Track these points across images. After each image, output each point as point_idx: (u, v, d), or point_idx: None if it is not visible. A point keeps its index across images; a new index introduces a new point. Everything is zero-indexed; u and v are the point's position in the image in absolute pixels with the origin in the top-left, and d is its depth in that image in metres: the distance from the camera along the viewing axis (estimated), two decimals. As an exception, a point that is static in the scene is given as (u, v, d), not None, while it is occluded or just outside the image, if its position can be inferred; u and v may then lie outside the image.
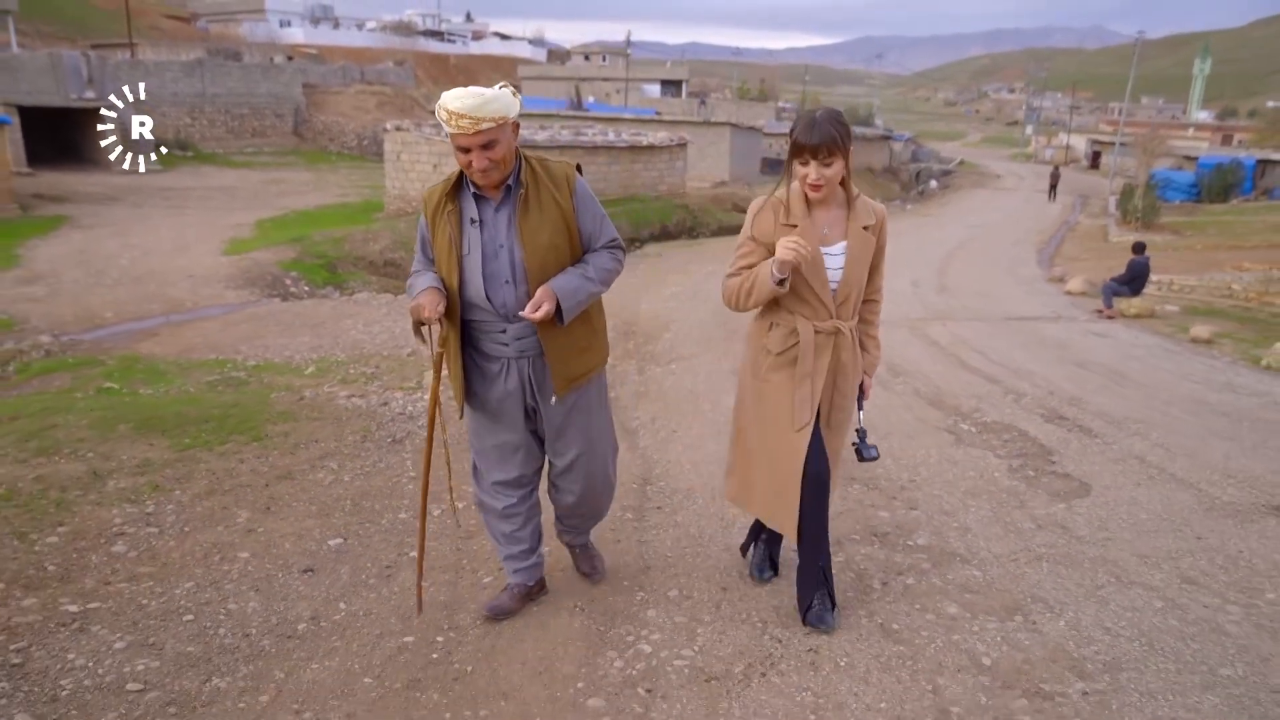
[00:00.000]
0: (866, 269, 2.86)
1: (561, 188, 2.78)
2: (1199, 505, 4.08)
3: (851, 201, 2.84)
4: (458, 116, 2.54)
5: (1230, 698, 2.52)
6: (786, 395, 2.89)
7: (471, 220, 2.76)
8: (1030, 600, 3.12)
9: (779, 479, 2.93)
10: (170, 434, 4.90)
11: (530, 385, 2.87)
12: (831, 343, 2.86)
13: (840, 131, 2.66)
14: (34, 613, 3.02)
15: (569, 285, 2.71)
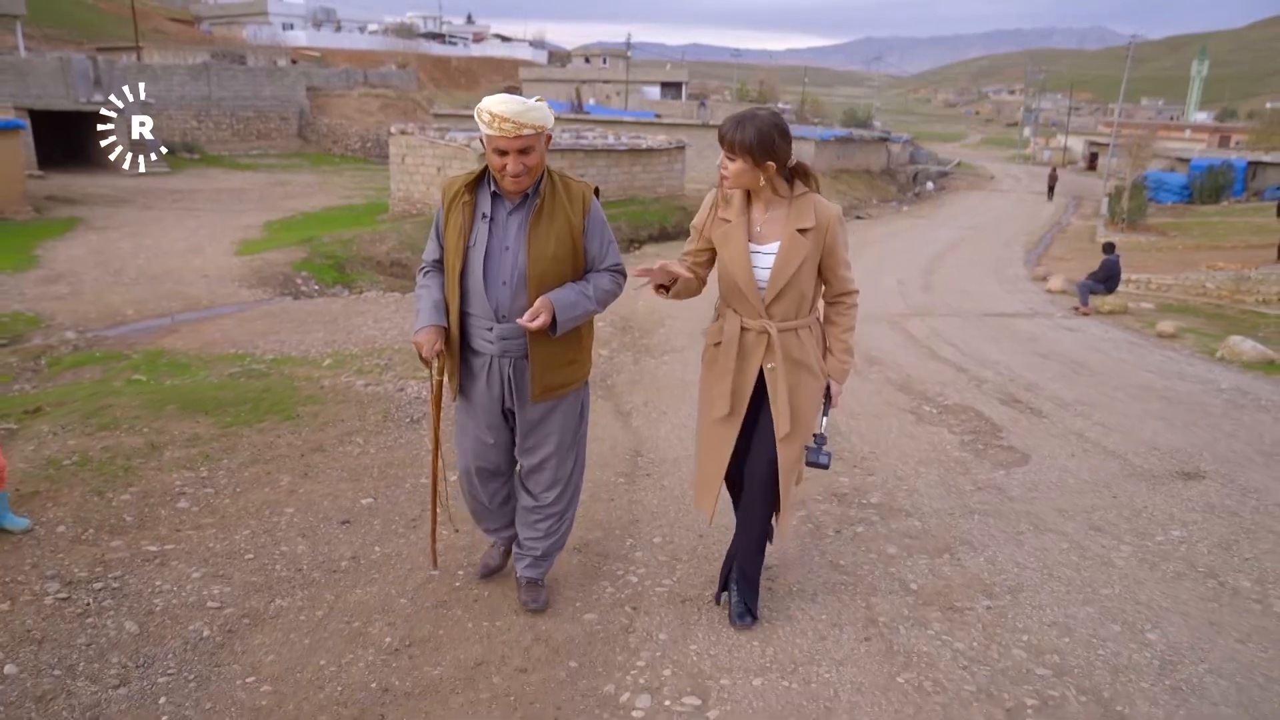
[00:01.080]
0: (797, 271, 2.79)
1: (576, 206, 2.88)
2: (1121, 471, 4.67)
3: (793, 202, 2.83)
4: (501, 119, 2.65)
5: (1103, 609, 3.10)
6: (711, 386, 2.98)
7: (483, 215, 2.87)
8: (958, 543, 3.70)
9: (708, 465, 3.03)
10: (213, 413, 5.49)
11: (509, 385, 2.97)
12: (764, 341, 2.86)
13: (752, 138, 2.68)
14: (122, 551, 3.61)
15: (567, 299, 2.80)
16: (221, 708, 2.63)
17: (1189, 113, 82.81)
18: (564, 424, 3.05)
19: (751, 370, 2.90)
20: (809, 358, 2.90)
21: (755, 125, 2.70)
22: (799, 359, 2.88)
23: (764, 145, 2.69)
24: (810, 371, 2.91)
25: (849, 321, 2.98)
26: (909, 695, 2.60)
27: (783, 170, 2.80)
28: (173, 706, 2.63)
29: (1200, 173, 35.70)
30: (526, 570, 3.23)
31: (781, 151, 2.74)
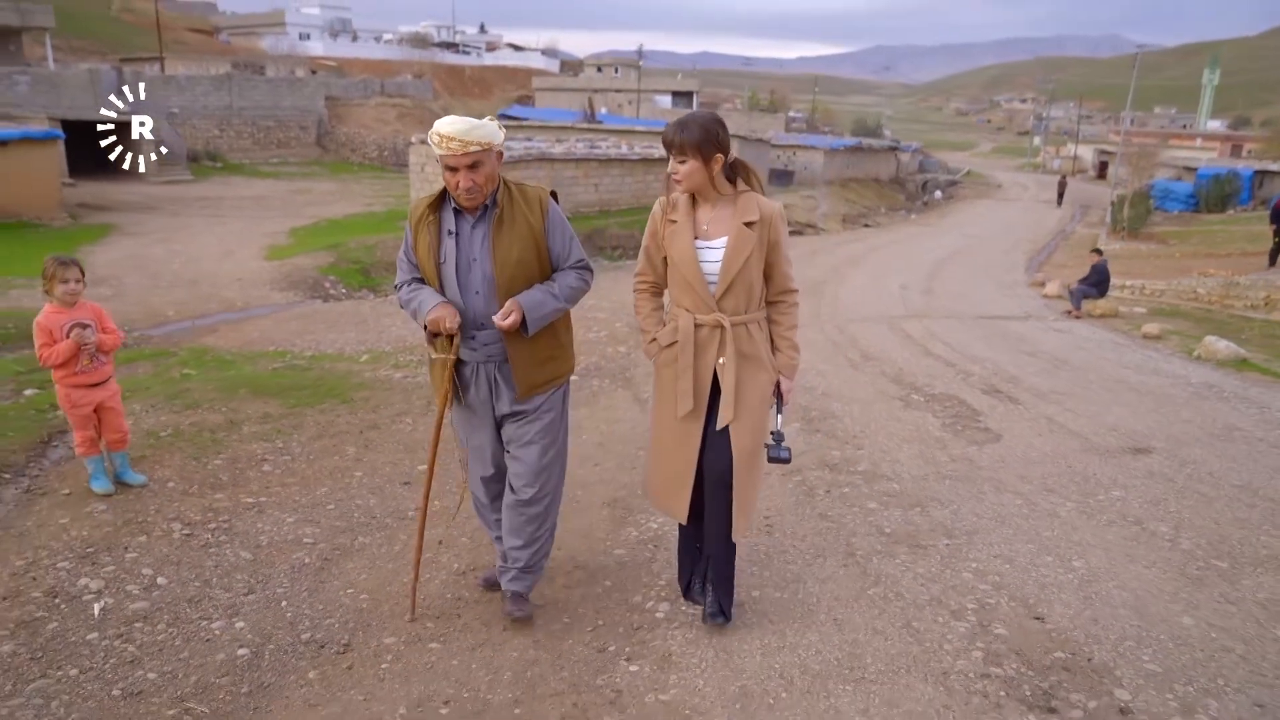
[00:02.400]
0: (745, 263, 2.88)
1: (535, 210, 3.01)
2: (1079, 448, 5.32)
3: (738, 198, 2.93)
4: (448, 139, 2.81)
5: (1042, 546, 3.78)
6: (673, 387, 3.02)
7: (449, 232, 3.00)
8: (929, 500, 4.37)
9: (672, 466, 3.07)
10: (279, 397, 6.21)
11: (495, 387, 3.11)
12: (717, 336, 2.92)
13: (697, 135, 2.82)
14: (225, 502, 4.31)
15: (534, 299, 2.95)
16: (330, 609, 3.32)
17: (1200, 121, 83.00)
18: (545, 417, 3.16)
19: (708, 366, 2.95)
20: (759, 352, 2.98)
21: (698, 122, 2.86)
22: (749, 353, 2.95)
23: (709, 140, 2.83)
24: (761, 366, 2.97)
25: (792, 320, 3.06)
26: (875, 602, 3.27)
27: (726, 166, 2.91)
28: (293, 608, 3.33)
29: (1206, 181, 36.11)
30: (511, 584, 3.26)
31: (724, 143, 2.88)
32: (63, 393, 4.35)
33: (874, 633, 3.04)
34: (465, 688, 2.76)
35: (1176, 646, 2.96)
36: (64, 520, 4.06)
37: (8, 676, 2.84)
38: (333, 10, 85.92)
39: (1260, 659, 2.89)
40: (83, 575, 3.53)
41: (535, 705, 2.66)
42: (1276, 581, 3.45)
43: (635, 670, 2.83)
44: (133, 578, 3.54)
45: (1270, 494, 4.48)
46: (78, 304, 4.37)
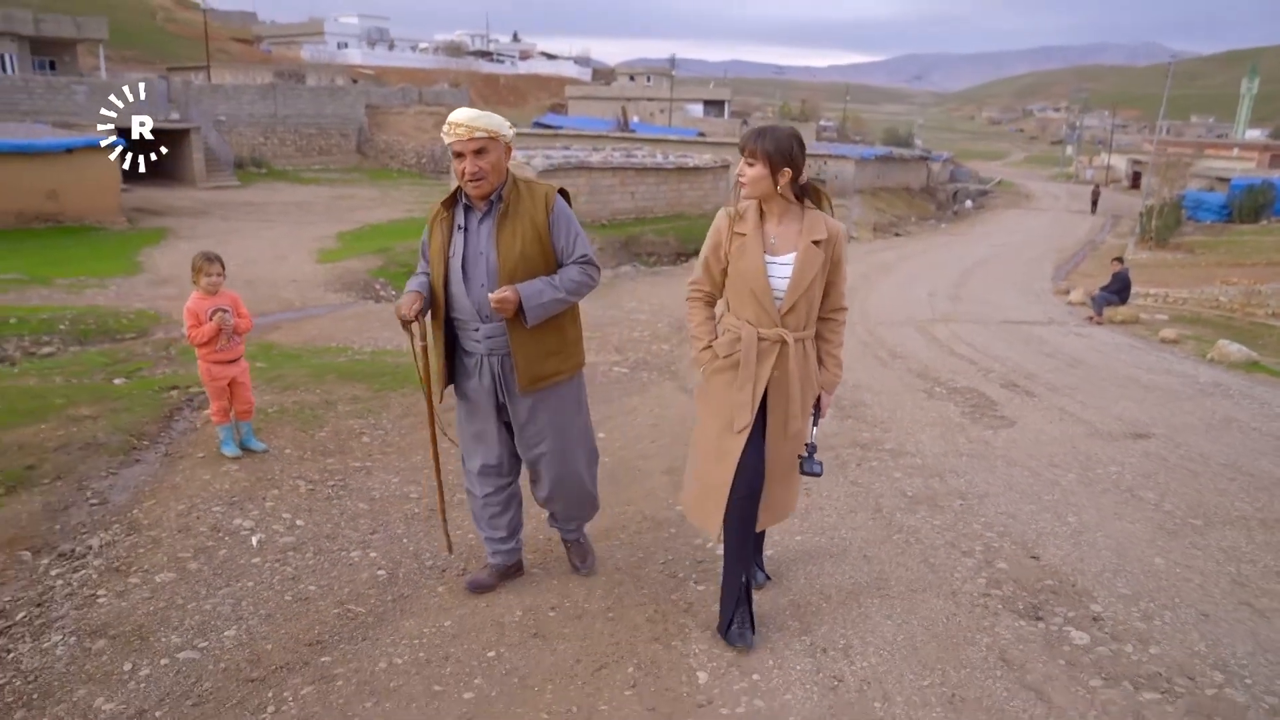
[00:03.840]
0: (812, 281, 2.92)
1: (540, 206, 3.13)
2: (1085, 433, 5.92)
3: (805, 215, 2.97)
4: (455, 125, 3.02)
5: (1042, 506, 4.40)
6: (727, 398, 3.00)
7: (459, 227, 3.17)
8: (947, 471, 5.00)
9: (711, 479, 3.07)
10: (365, 381, 6.95)
11: (500, 381, 3.22)
12: (776, 350, 2.94)
13: (770, 144, 2.86)
14: (336, 465, 5.04)
15: (534, 288, 3.05)
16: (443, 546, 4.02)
17: (1238, 130, 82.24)
18: (556, 419, 3.29)
19: (763, 380, 2.97)
20: (810, 368, 3.03)
21: (774, 134, 2.90)
22: (802, 368, 3.00)
23: (781, 152, 2.86)
24: (810, 382, 3.04)
25: (840, 337, 3.12)
26: (899, 544, 3.91)
27: (795, 183, 2.93)
28: (413, 544, 4.03)
29: (1240, 192, 36.14)
30: (567, 534, 3.68)
31: (797, 160, 2.90)
32: (203, 368, 5.11)
33: (897, 565, 3.68)
34: (566, 599, 3.44)
35: (1146, 577, 3.58)
36: (206, 477, 4.80)
37: (202, 585, 3.57)
38: (370, 20, 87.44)
39: (1213, 586, 3.51)
40: (235, 517, 4.27)
41: (624, 611, 3.33)
42: (1239, 535, 4.05)
43: (701, 589, 3.50)
44: (276, 520, 4.26)
45: (1252, 471, 5.06)
46: (219, 292, 5.11)
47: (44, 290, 14.16)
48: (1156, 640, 3.08)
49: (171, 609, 3.39)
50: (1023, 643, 3.05)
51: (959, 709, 2.66)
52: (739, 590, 3.11)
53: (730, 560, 3.11)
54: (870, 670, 2.88)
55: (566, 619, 3.27)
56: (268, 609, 3.39)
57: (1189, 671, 2.88)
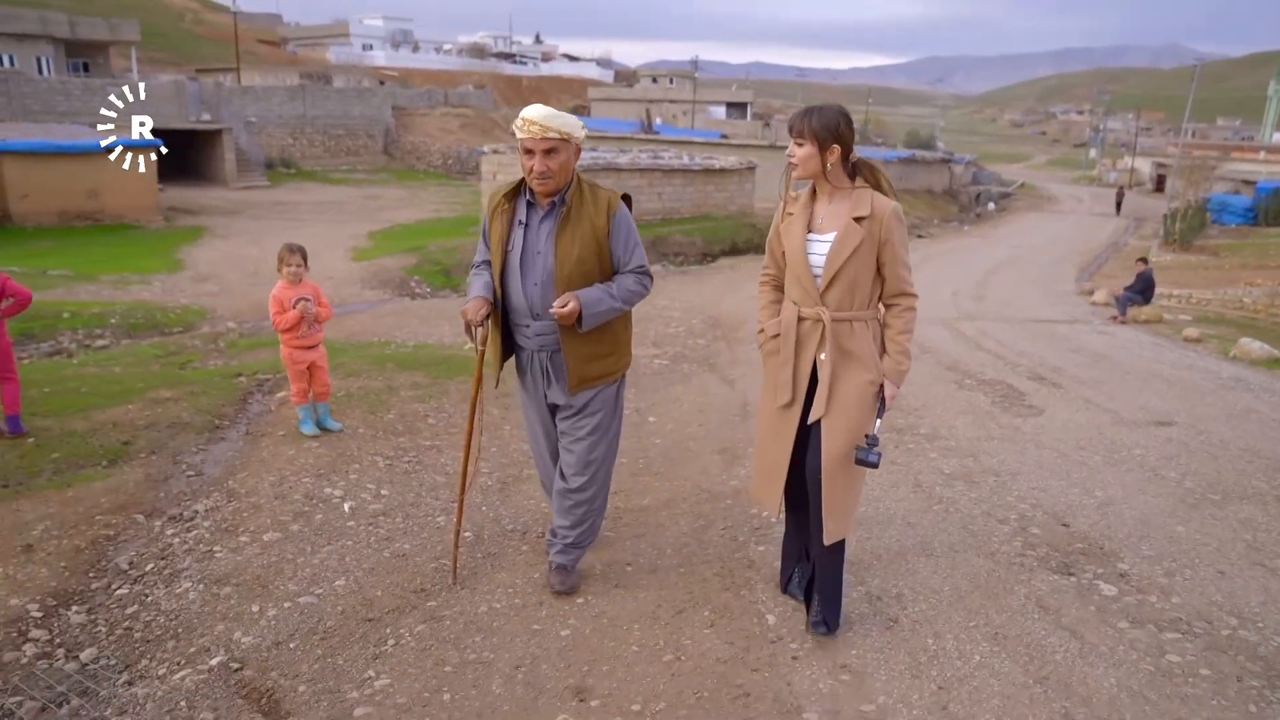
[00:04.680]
0: (850, 258, 2.86)
1: (601, 212, 3.14)
2: (1111, 421, 6.22)
3: (854, 193, 2.93)
4: (529, 123, 3.02)
5: (1070, 482, 4.73)
6: (776, 378, 3.07)
7: (519, 222, 3.18)
8: (980, 453, 5.33)
9: (769, 458, 3.13)
10: (422, 369, 7.34)
11: (549, 376, 3.28)
12: (818, 330, 2.91)
13: (817, 123, 2.88)
14: (408, 444, 5.42)
15: (593, 297, 3.07)
16: (521, 512, 4.38)
17: (1266, 133, 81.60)
18: (598, 412, 3.33)
19: (807, 360, 2.96)
20: (863, 352, 2.93)
21: (821, 112, 2.90)
22: (850, 350, 2.92)
23: (829, 129, 2.86)
24: (863, 365, 2.92)
25: (905, 324, 2.98)
26: (939, 514, 4.25)
27: (846, 160, 2.93)
28: (492, 510, 4.40)
29: (1266, 195, 36.05)
30: (557, 555, 3.50)
31: (845, 137, 2.89)
32: (286, 352, 5.50)
33: (938, 530, 4.02)
34: (640, 556, 3.80)
35: (1168, 542, 3.91)
36: (290, 453, 5.19)
37: (305, 543, 3.96)
38: (395, 22, 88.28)
39: (1229, 550, 3.83)
40: (325, 487, 4.66)
41: (694, 567, 3.68)
42: (1255, 509, 4.37)
43: (762, 549, 3.84)
44: (362, 489, 4.65)
45: (1269, 455, 5.36)
46: (301, 281, 5.50)
47: (91, 286, 14.68)
48: (1178, 592, 3.41)
49: (283, 563, 3.78)
50: (1057, 593, 3.38)
51: (1002, 644, 3.01)
52: (797, 554, 3.29)
53: (790, 529, 3.28)
54: (921, 614, 3.22)
55: (642, 573, 3.63)
56: (370, 564, 3.77)
57: (1207, 617, 3.21)
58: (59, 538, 4.02)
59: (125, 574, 3.75)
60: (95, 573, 3.76)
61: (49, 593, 3.54)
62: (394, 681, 2.84)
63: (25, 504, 4.37)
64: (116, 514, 4.32)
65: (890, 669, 2.86)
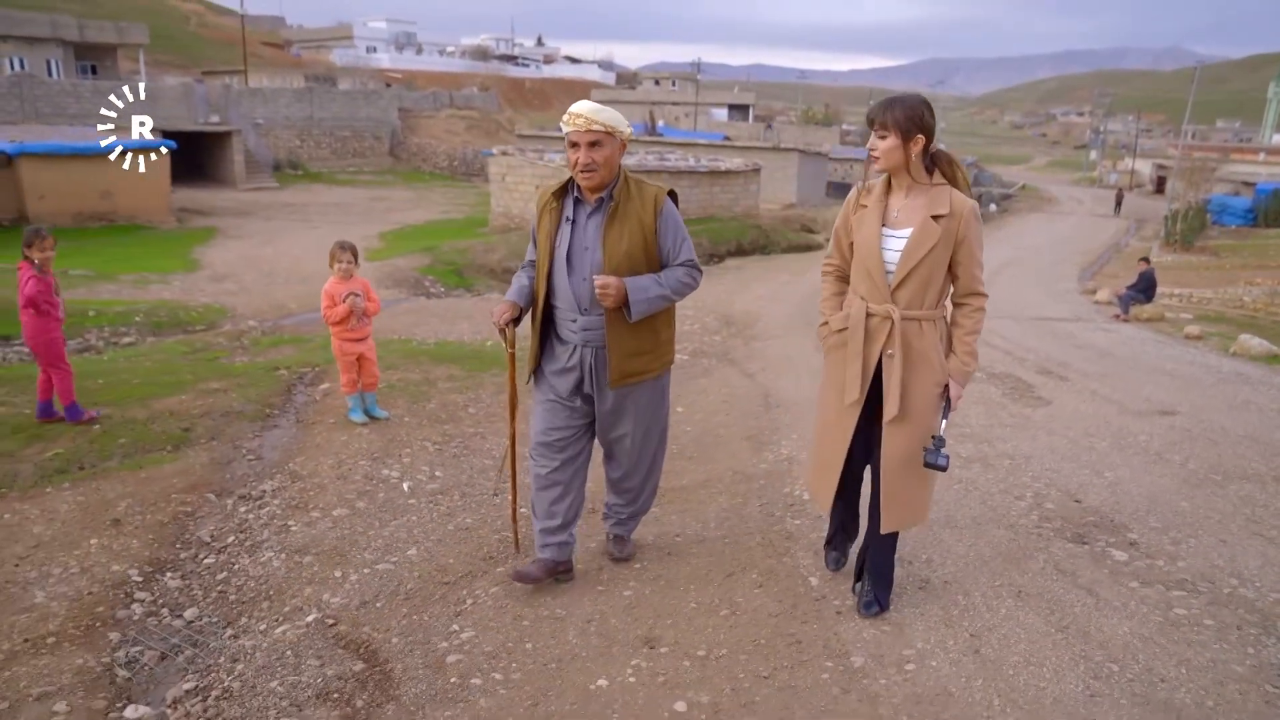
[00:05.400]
0: (925, 257, 2.82)
1: (648, 206, 3.17)
2: (1116, 411, 6.53)
3: (931, 190, 2.87)
4: (575, 116, 3.06)
5: (1081, 464, 5.03)
6: (839, 372, 3.01)
7: (567, 219, 3.22)
8: (994, 439, 5.63)
9: (824, 453, 3.13)
10: (455, 363, 7.65)
11: (591, 372, 3.27)
12: (886, 328, 2.86)
13: (901, 112, 2.80)
14: (453, 431, 5.73)
15: (640, 283, 3.11)
16: (568, 491, 4.69)
17: (1265, 135, 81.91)
18: (640, 409, 3.36)
19: (873, 356, 2.91)
20: (930, 351, 2.89)
21: (904, 103, 2.83)
22: (919, 349, 2.88)
23: (913, 119, 2.80)
24: (930, 366, 2.89)
25: (974, 324, 2.95)
26: (959, 492, 4.55)
27: (927, 154, 2.87)
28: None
29: (1265, 196, 36.39)
30: (615, 527, 3.72)
31: (930, 127, 2.83)
32: (336, 344, 5.82)
33: (960, 506, 4.33)
34: (687, 529, 4.10)
35: (1174, 515, 4.22)
36: (343, 439, 5.51)
37: (373, 519, 4.27)
38: (398, 24, 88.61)
39: (1230, 522, 4.15)
40: (382, 469, 4.97)
41: (737, 538, 3.99)
42: (1254, 488, 4.68)
43: (798, 523, 4.15)
44: (417, 471, 4.96)
45: (1267, 441, 5.67)
46: (352, 277, 5.81)
47: (112, 285, 14.99)
48: (1183, 557, 3.72)
49: (356, 535, 4.09)
50: (1073, 559, 3.69)
51: (1025, 600, 3.31)
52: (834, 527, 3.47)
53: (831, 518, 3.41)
54: (950, 575, 3.53)
55: (691, 543, 3.94)
56: (437, 535, 4.08)
57: (1210, 578, 3.52)
58: (142, 513, 4.33)
59: (208, 545, 4.06)
60: (180, 544, 4.08)
61: (144, 560, 3.86)
62: (478, 634, 3.15)
63: (104, 484, 4.69)
64: (190, 493, 4.63)
65: (926, 621, 3.16)
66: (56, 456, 5.04)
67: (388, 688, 2.83)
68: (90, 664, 3.04)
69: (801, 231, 28.96)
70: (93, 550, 3.91)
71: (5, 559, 3.78)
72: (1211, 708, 2.69)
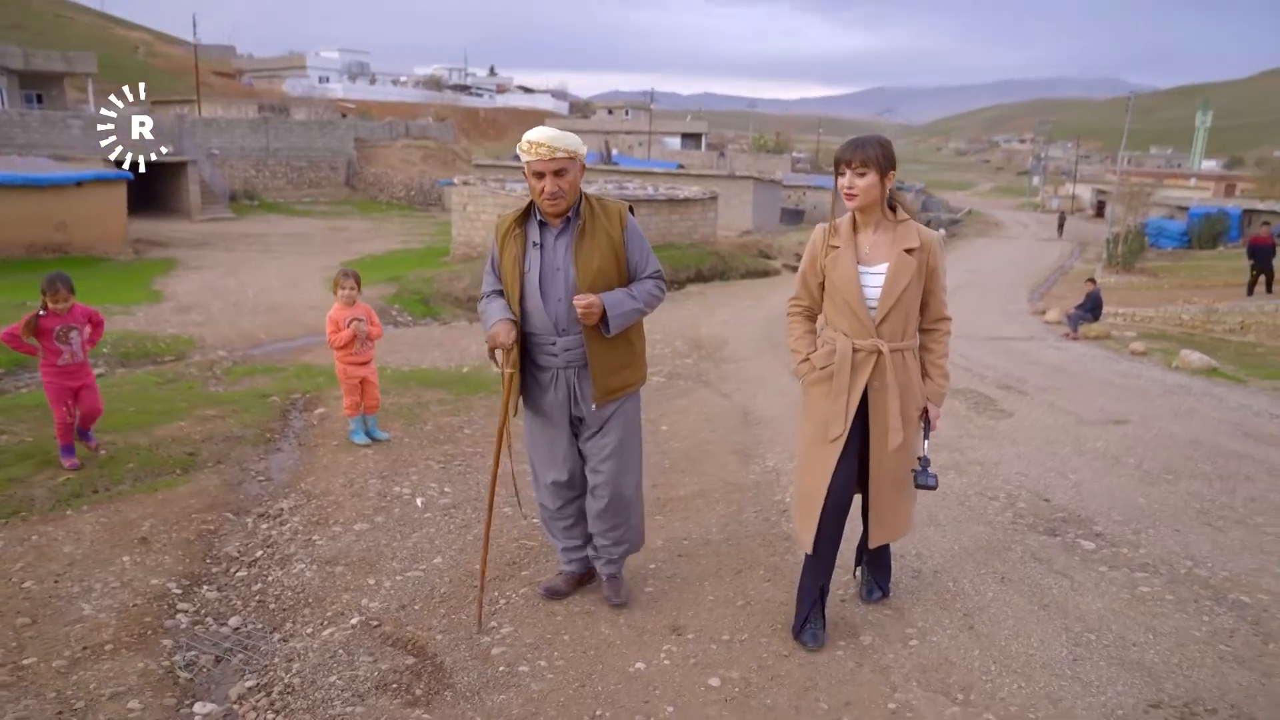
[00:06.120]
0: (905, 289, 2.93)
1: (614, 223, 3.20)
2: (1074, 421, 6.99)
3: (897, 226, 2.98)
4: (536, 145, 3.03)
5: (1045, 468, 5.46)
6: (823, 409, 3.04)
7: (534, 243, 3.21)
8: (964, 448, 6.03)
9: (806, 489, 3.15)
10: (443, 387, 7.89)
11: (575, 393, 3.29)
12: (872, 361, 2.94)
13: (876, 151, 2.90)
14: (454, 451, 5.97)
15: (615, 298, 3.14)
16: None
17: (1194, 161, 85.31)
18: (623, 425, 3.38)
19: (858, 390, 2.99)
20: (911, 379, 3.03)
21: (876, 141, 2.95)
22: (903, 380, 3.01)
23: (887, 156, 2.93)
24: (912, 392, 3.03)
25: (944, 348, 3.13)
26: (937, 497, 4.89)
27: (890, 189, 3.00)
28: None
29: (1198, 220, 38.05)
30: (606, 567, 3.61)
31: (895, 162, 2.98)
32: (340, 368, 6.05)
33: (939, 507, 4.69)
34: (691, 534, 4.40)
35: (1133, 510, 4.65)
36: (349, 459, 5.73)
37: (394, 532, 4.51)
38: (351, 54, 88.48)
39: (1183, 514, 4.59)
40: (394, 486, 5.20)
41: (740, 540, 4.30)
42: (1202, 485, 5.14)
43: (793, 526, 4.47)
44: (427, 488, 5.20)
45: (1211, 445, 6.16)
46: (355, 304, 6.05)
47: (76, 318, 14.85)
48: (1144, 545, 4.13)
49: (380, 546, 4.33)
50: (1047, 549, 4.08)
51: (1008, 584, 3.68)
52: (814, 596, 3.23)
53: (809, 566, 3.21)
54: (939, 565, 3.89)
55: (698, 545, 4.24)
56: (458, 545, 4.34)
57: (1168, 561, 3.94)
58: (167, 532, 4.52)
59: (238, 560, 4.27)
60: (210, 559, 4.28)
61: (180, 574, 4.06)
62: (516, 629, 3.41)
63: (123, 506, 4.85)
64: (209, 512, 4.83)
65: (923, 604, 3.51)
66: (69, 482, 5.19)
67: (441, 678, 3.08)
68: (152, 667, 3.24)
69: (759, 257, 29.58)
70: (127, 566, 4.09)
71: (43, 576, 3.95)
72: (1176, 664, 3.09)
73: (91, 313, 5.44)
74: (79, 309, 5.30)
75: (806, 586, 3.25)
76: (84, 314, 5.35)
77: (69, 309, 5.19)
